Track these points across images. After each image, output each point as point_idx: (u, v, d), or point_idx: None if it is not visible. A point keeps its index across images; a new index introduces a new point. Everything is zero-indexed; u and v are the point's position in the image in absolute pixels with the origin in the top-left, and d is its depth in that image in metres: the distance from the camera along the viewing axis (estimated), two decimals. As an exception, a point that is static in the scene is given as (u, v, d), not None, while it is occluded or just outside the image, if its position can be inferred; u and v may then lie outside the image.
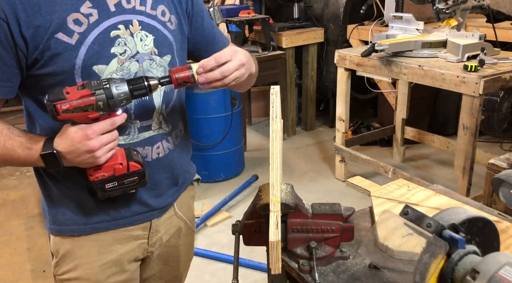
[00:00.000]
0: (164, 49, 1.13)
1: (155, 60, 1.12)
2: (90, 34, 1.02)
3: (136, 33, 1.08)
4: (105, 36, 1.03)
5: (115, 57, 1.05)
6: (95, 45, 1.02)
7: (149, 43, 1.10)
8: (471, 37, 2.63)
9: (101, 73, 1.04)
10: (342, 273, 0.98)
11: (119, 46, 1.05)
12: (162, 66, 1.14)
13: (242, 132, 3.74)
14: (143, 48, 1.09)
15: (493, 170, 1.51)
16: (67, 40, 1.00)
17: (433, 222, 0.85)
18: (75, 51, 1.01)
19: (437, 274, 0.83)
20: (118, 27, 1.05)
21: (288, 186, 1.02)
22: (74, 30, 1.00)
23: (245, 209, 1.04)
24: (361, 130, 4.08)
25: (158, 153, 1.17)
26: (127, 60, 1.07)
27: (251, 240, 1.03)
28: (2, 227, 3.05)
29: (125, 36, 1.06)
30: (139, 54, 1.09)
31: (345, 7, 4.05)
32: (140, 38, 1.08)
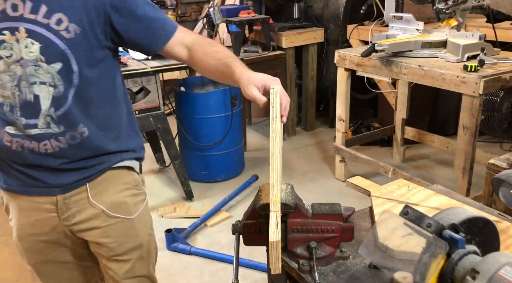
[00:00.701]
0: (53, 57, 1.19)
1: (42, 67, 1.19)
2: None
3: (22, 39, 1.16)
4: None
5: (2, 59, 1.16)
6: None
7: (34, 51, 1.17)
8: (471, 37, 2.63)
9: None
10: (342, 273, 0.98)
11: (5, 49, 1.16)
12: (49, 73, 1.19)
13: (242, 132, 3.73)
14: (27, 55, 1.17)
15: (493, 170, 1.51)
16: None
17: (433, 222, 0.85)
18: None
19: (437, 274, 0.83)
20: (3, 33, 1.14)
21: (288, 186, 1.02)
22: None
23: (245, 209, 1.04)
24: (361, 130, 4.08)
25: (46, 149, 1.25)
26: (13, 63, 1.17)
27: (251, 240, 1.04)
28: (2, 227, 3.05)
29: (11, 41, 1.15)
30: (23, 60, 1.17)
31: (345, 7, 4.05)
32: (26, 45, 1.16)
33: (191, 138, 3.36)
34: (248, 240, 1.04)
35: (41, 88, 1.20)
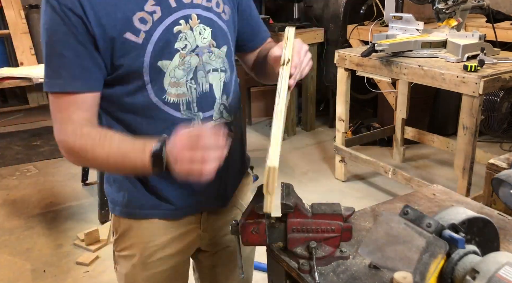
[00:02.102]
0: (221, 41, 1.15)
1: (213, 52, 1.13)
2: (155, 31, 1.03)
3: (195, 27, 1.09)
4: (169, 32, 1.05)
5: (178, 52, 1.07)
6: (160, 42, 1.04)
7: (207, 36, 1.11)
8: (471, 37, 2.63)
9: (165, 68, 1.06)
10: (342, 273, 0.98)
11: (181, 41, 1.07)
12: (220, 58, 1.15)
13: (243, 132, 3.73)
14: (202, 42, 1.10)
15: (493, 170, 1.51)
16: (134, 39, 1.02)
17: (433, 222, 0.85)
18: (142, 49, 1.03)
19: (437, 274, 0.83)
20: (179, 23, 1.06)
21: (289, 186, 1.02)
22: (140, 29, 1.02)
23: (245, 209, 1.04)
24: (361, 130, 4.08)
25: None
26: (187, 54, 1.08)
27: (249, 240, 1.03)
28: (2, 227, 3.05)
29: (185, 30, 1.07)
30: (198, 47, 1.10)
31: (345, 7, 4.05)
32: (199, 31, 1.10)
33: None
34: (246, 240, 1.03)
35: (214, 75, 1.14)
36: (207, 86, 1.12)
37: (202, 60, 1.11)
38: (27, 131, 4.78)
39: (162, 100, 1.08)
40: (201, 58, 1.11)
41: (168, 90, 1.07)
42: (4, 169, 3.93)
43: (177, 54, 1.07)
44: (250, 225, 1.01)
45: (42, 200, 3.38)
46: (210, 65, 1.13)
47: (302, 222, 0.98)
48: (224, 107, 1.17)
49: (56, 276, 2.55)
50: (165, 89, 1.07)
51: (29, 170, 3.89)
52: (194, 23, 1.09)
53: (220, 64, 1.15)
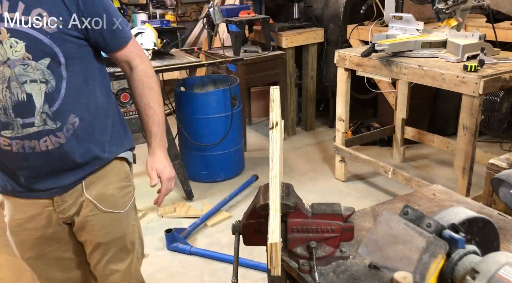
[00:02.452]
0: (40, 54, 1.18)
1: (30, 65, 1.18)
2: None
3: (5, 40, 1.14)
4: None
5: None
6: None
7: (20, 49, 1.16)
8: (471, 37, 2.63)
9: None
10: (342, 273, 0.98)
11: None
12: (39, 70, 1.19)
13: (242, 132, 3.73)
14: (13, 55, 1.15)
15: (493, 170, 1.51)
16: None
17: (433, 222, 0.85)
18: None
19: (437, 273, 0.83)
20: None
21: (289, 186, 1.02)
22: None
23: (245, 209, 1.04)
24: (361, 130, 4.08)
25: (47, 146, 1.26)
26: (0, 66, 1.15)
27: (251, 240, 1.04)
28: (2, 227, 3.04)
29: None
30: (10, 60, 1.16)
31: (345, 7, 4.05)
32: (10, 45, 1.15)
33: (191, 138, 3.36)
34: (248, 240, 1.04)
35: (32, 86, 1.19)
36: (24, 95, 1.19)
37: (15, 72, 1.17)
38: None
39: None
40: (13, 70, 1.17)
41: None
42: (4, 169, 3.93)
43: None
44: (251, 225, 1.01)
45: (42, 200, 3.38)
46: (26, 76, 1.18)
47: (302, 222, 0.98)
48: (47, 115, 1.23)
49: (56, 276, 2.55)
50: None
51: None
52: (4, 37, 1.14)
53: (39, 76, 1.19)
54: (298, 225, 0.98)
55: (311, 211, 1.00)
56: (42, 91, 1.21)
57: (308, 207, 1.01)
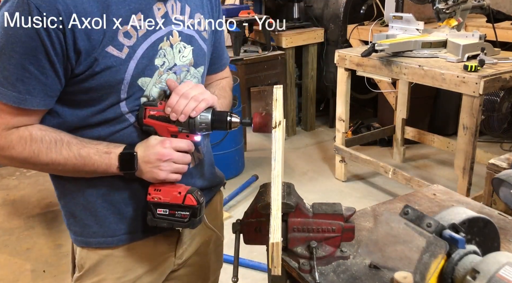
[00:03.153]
0: (200, 60, 1.10)
1: (190, 71, 1.09)
2: (139, 47, 0.98)
3: (176, 44, 1.04)
4: (153, 49, 1.00)
5: (157, 69, 1.02)
6: (143, 59, 0.99)
7: (187, 55, 1.07)
8: (471, 37, 2.63)
9: (145, 86, 1.01)
10: (342, 273, 0.98)
11: (159, 58, 1.01)
12: (196, 78, 1.11)
13: (242, 132, 3.74)
14: (181, 60, 1.06)
15: (493, 170, 1.51)
16: (117, 54, 0.95)
17: (433, 222, 0.85)
18: (124, 65, 0.96)
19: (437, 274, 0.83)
20: (163, 39, 1.01)
21: (290, 185, 1.02)
22: (124, 44, 0.96)
23: (245, 209, 1.04)
24: (361, 130, 4.08)
25: (189, 164, 1.11)
26: (164, 72, 1.03)
27: (251, 239, 1.03)
28: (2, 227, 3.05)
29: (165, 47, 1.02)
30: (176, 66, 1.05)
31: (345, 7, 4.05)
32: (179, 49, 1.05)
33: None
34: (248, 239, 1.04)
35: None
36: None
37: (180, 79, 1.06)
38: (27, 131, 4.78)
39: (132, 112, 1.03)
40: (179, 76, 1.06)
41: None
42: (4, 169, 3.93)
43: (156, 71, 1.02)
44: (252, 224, 1.01)
45: (42, 200, 3.38)
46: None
47: (303, 221, 0.98)
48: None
49: (56, 276, 2.55)
50: (141, 105, 1.02)
51: (29, 170, 3.89)
52: (175, 41, 1.04)
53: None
54: (298, 224, 0.98)
55: (312, 211, 0.99)
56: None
57: (309, 206, 1.01)
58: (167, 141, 1.01)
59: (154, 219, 1.04)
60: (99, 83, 0.96)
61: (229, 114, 1.04)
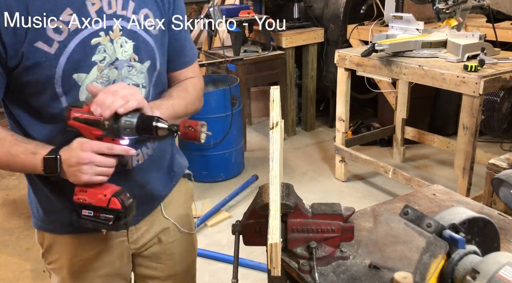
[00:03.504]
0: (145, 55, 1.10)
1: (135, 67, 1.09)
2: (70, 42, 0.98)
3: (116, 39, 1.04)
4: (86, 44, 1.00)
5: (96, 65, 1.03)
6: (75, 54, 0.99)
7: (128, 50, 1.06)
8: (471, 37, 2.63)
9: (81, 81, 1.02)
10: (342, 273, 0.98)
11: (99, 53, 1.02)
12: (142, 73, 1.10)
13: (242, 132, 3.73)
14: (122, 55, 1.06)
15: (493, 170, 1.51)
16: (46, 49, 0.97)
17: (433, 222, 0.85)
18: (54, 60, 0.98)
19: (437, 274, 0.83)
20: (99, 34, 1.02)
21: (289, 186, 1.02)
22: (54, 39, 0.97)
23: (245, 209, 1.04)
24: (361, 130, 4.08)
25: (138, 161, 1.16)
26: (106, 67, 1.04)
27: (251, 240, 1.03)
28: (2, 227, 3.05)
29: (105, 43, 1.03)
30: (118, 60, 1.05)
31: (345, 7, 4.05)
32: (120, 44, 1.05)
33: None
34: (248, 240, 1.04)
35: None
36: None
37: (122, 74, 1.07)
38: (27, 131, 4.78)
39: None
40: (120, 71, 1.06)
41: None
42: (4, 169, 3.93)
43: (94, 67, 1.02)
44: (251, 225, 1.01)
45: (42, 200, 3.38)
46: (129, 80, 1.08)
47: (302, 222, 0.98)
48: None
49: (56, 276, 2.55)
50: (67, 106, 1.02)
51: (29, 170, 3.89)
52: (115, 35, 1.04)
53: (141, 80, 1.11)
54: (298, 225, 0.98)
55: (311, 211, 0.99)
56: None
57: (308, 207, 1.01)
58: (87, 144, 0.99)
59: (79, 219, 1.05)
60: (33, 78, 0.99)
61: (156, 119, 1.00)
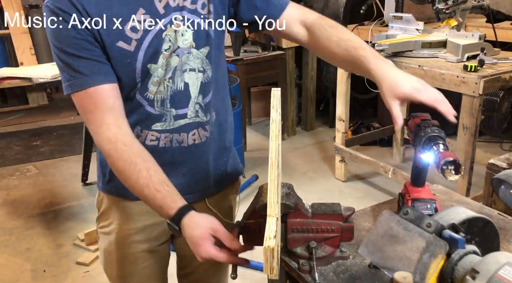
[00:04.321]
0: (202, 42, 1.16)
1: (192, 53, 1.16)
2: (145, 39, 1.09)
3: (179, 28, 1.12)
4: (158, 38, 1.10)
5: (161, 54, 1.12)
6: (150, 48, 1.10)
7: (188, 38, 1.14)
8: (471, 37, 2.63)
9: (152, 70, 1.12)
10: (342, 273, 0.98)
11: (165, 43, 1.12)
12: (199, 58, 1.17)
13: (242, 132, 3.73)
14: (183, 43, 1.14)
15: (493, 170, 1.51)
16: (126, 47, 1.08)
17: (433, 222, 0.85)
18: (134, 56, 1.09)
19: (437, 274, 0.83)
20: (166, 27, 1.11)
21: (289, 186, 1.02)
22: (132, 37, 1.08)
23: (245, 209, 1.04)
24: (361, 130, 4.08)
25: (194, 140, 1.21)
26: (169, 56, 1.13)
27: (251, 240, 1.04)
28: (2, 227, 3.05)
29: (170, 33, 1.12)
30: (179, 49, 1.14)
31: (345, 7, 4.05)
32: (182, 33, 1.13)
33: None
34: (248, 240, 1.04)
35: (190, 75, 1.16)
36: (182, 84, 1.16)
37: (181, 61, 1.15)
38: (27, 131, 4.78)
39: (143, 97, 1.15)
40: (181, 58, 1.15)
41: (150, 88, 1.14)
42: (4, 169, 3.93)
43: (161, 55, 1.12)
44: (251, 225, 1.01)
45: (42, 200, 3.38)
46: (187, 65, 1.16)
47: (302, 222, 0.98)
48: (199, 106, 1.20)
49: (56, 276, 2.56)
50: (148, 87, 1.13)
51: (29, 170, 3.89)
52: (178, 25, 1.12)
53: (198, 65, 1.17)
54: (298, 225, 0.98)
55: (311, 211, 0.99)
56: (198, 80, 1.18)
57: (308, 207, 1.01)
58: (203, 248, 1.02)
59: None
60: (117, 73, 1.10)
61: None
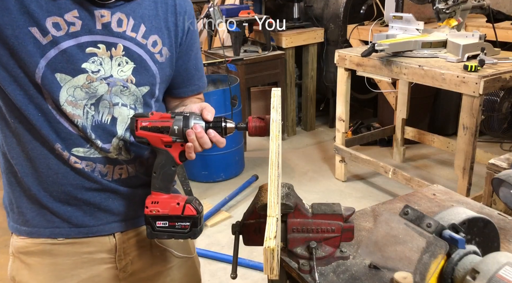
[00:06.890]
0: (144, 80, 1.10)
1: (129, 88, 1.09)
2: (64, 41, 1.00)
3: (117, 57, 1.06)
4: (79, 50, 1.02)
5: (85, 73, 1.03)
6: (65, 54, 1.00)
7: (127, 71, 1.08)
8: (471, 37, 2.63)
9: (63, 82, 1.02)
10: (342, 273, 0.98)
11: (93, 64, 1.03)
12: (134, 96, 1.10)
13: (242, 132, 3.73)
14: (118, 74, 1.07)
15: (493, 170, 1.51)
16: (38, 37, 0.98)
17: (433, 222, 0.85)
18: (43, 50, 0.99)
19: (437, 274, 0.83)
20: (97, 46, 1.03)
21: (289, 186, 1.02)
22: (49, 32, 0.99)
23: (245, 209, 1.04)
24: (361, 130, 4.08)
25: (121, 174, 1.13)
26: (97, 80, 1.05)
27: (251, 240, 1.03)
28: (2, 227, 3.04)
29: (103, 56, 1.04)
30: (112, 78, 1.06)
31: (345, 7, 4.05)
32: (119, 63, 1.06)
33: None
34: (248, 240, 1.04)
35: (121, 110, 1.08)
36: (109, 118, 1.08)
37: (111, 91, 1.07)
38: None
39: (56, 110, 1.04)
40: (111, 88, 1.06)
41: (64, 106, 1.03)
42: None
43: (82, 74, 1.03)
44: (251, 225, 1.01)
45: (42, 200, 3.38)
46: (119, 98, 1.08)
47: (302, 222, 0.98)
48: (123, 144, 1.11)
49: (56, 276, 2.55)
50: (60, 104, 1.02)
51: (29, 170, 3.89)
52: (117, 54, 1.06)
53: (131, 101, 1.10)
54: (298, 225, 0.98)
55: (311, 211, 0.99)
56: (129, 117, 1.10)
57: (308, 207, 1.01)
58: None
59: (154, 232, 1.04)
60: (16, 60, 0.99)
61: (223, 120, 1.04)
